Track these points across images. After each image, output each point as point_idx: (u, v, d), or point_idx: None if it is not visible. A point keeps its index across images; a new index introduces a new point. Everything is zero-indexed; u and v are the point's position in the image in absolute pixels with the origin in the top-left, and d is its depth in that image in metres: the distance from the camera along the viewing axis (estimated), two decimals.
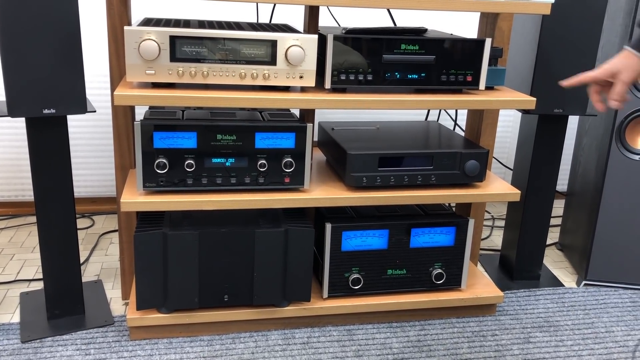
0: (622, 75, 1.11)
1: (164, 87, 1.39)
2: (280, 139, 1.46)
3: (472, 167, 1.57)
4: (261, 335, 1.58)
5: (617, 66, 1.12)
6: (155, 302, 1.49)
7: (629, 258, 1.89)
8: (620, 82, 1.11)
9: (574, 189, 2.08)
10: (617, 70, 1.12)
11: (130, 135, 1.57)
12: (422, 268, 1.65)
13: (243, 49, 1.37)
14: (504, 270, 2.00)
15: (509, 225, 1.98)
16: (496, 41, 1.70)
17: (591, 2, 1.64)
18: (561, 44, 1.67)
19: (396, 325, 1.66)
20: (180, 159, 1.42)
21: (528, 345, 1.59)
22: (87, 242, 2.09)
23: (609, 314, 1.76)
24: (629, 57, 1.10)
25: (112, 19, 1.47)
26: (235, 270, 1.50)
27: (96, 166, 2.27)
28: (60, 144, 1.46)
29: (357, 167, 1.51)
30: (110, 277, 1.85)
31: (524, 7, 1.48)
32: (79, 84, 1.39)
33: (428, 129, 1.82)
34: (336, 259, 1.58)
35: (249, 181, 1.47)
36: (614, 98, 1.13)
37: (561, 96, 1.72)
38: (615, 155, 1.81)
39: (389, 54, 1.45)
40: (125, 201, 1.40)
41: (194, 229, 1.46)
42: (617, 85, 1.12)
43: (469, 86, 1.52)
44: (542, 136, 1.81)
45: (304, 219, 1.56)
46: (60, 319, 1.58)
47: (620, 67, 1.11)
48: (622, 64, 1.11)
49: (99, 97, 2.17)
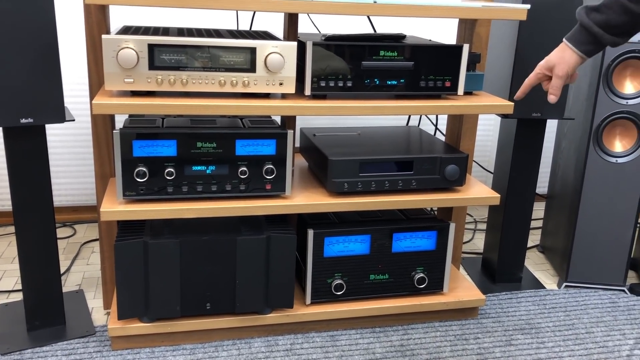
0: (556, 69, 1.12)
1: (143, 95, 1.39)
2: (261, 145, 1.46)
3: (452, 172, 1.58)
4: (244, 342, 1.58)
5: (553, 60, 1.12)
6: (136, 312, 1.48)
7: (608, 259, 1.91)
8: (555, 76, 1.12)
9: (554, 192, 2.10)
10: (552, 64, 1.13)
11: (110, 143, 1.56)
12: (405, 272, 1.66)
13: (222, 57, 1.37)
14: (486, 273, 2.02)
15: (490, 228, 2.00)
16: (474, 46, 1.72)
17: (566, 8, 1.66)
18: (538, 49, 1.69)
19: (379, 330, 1.66)
20: (160, 167, 1.41)
21: (510, 347, 1.61)
22: (68, 252, 2.07)
23: (589, 315, 1.78)
24: (564, 49, 1.11)
25: (90, 27, 1.46)
26: (217, 278, 1.50)
27: (77, 175, 2.25)
28: (38, 153, 1.45)
29: (338, 172, 1.52)
30: (92, 287, 1.84)
31: (501, 13, 1.50)
32: (57, 93, 1.38)
33: (409, 134, 1.84)
34: (319, 265, 1.58)
35: (230, 188, 1.47)
36: (550, 92, 1.14)
37: (539, 100, 1.74)
38: (593, 157, 1.84)
39: (368, 61, 1.46)
40: (105, 210, 1.39)
41: (175, 237, 1.46)
42: (553, 80, 1.13)
43: (447, 91, 1.53)
44: (521, 140, 1.83)
45: (286, 226, 1.56)
46: (40, 330, 1.56)
47: (555, 61, 1.12)
48: (557, 57, 1.12)
49: (79, 105, 2.16)
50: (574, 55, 1.10)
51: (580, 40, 1.08)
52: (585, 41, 1.08)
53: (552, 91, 1.14)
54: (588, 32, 1.07)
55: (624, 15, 1.01)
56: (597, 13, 1.04)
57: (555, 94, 1.13)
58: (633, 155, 1.82)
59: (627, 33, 1.05)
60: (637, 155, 1.82)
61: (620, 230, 1.88)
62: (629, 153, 1.82)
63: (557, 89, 1.13)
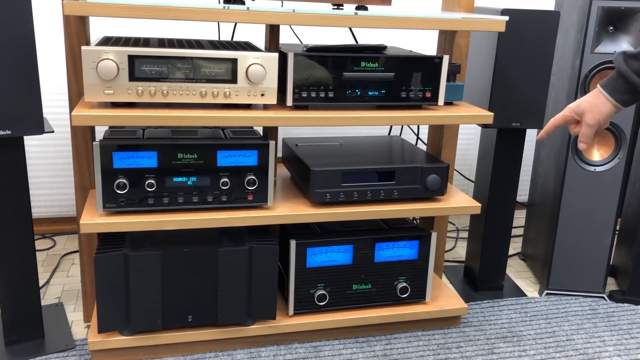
0: (587, 116, 1.04)
1: (123, 107, 1.38)
2: (243, 156, 1.46)
3: (433, 182, 1.59)
4: (227, 355, 1.57)
5: (584, 107, 1.05)
6: (117, 325, 1.46)
7: (588, 267, 1.94)
8: (584, 124, 1.05)
9: (535, 200, 2.13)
10: (583, 111, 1.05)
11: (90, 155, 1.55)
12: (387, 282, 1.66)
13: (203, 67, 1.37)
14: (468, 282, 2.03)
15: (472, 236, 2.02)
16: (455, 57, 1.74)
17: (544, 20, 1.69)
18: (517, 60, 1.72)
19: (362, 340, 1.66)
20: (140, 179, 1.40)
21: (492, 356, 1.62)
22: (48, 264, 2.04)
23: (569, 322, 1.80)
24: (598, 96, 1.03)
25: (69, 38, 1.45)
26: (198, 290, 1.49)
27: (57, 186, 2.23)
28: (17, 165, 1.43)
29: (321, 183, 1.52)
30: (72, 300, 1.81)
31: (480, 24, 1.52)
32: (35, 104, 1.36)
33: (391, 144, 1.85)
34: (301, 275, 1.58)
35: (212, 199, 1.46)
36: (581, 140, 1.06)
37: (518, 110, 1.76)
38: (572, 166, 1.86)
39: (349, 72, 1.47)
40: (85, 222, 1.38)
41: (156, 249, 1.45)
42: (583, 128, 1.05)
43: (428, 102, 1.54)
44: (501, 149, 1.85)
45: (268, 236, 1.56)
46: (18, 345, 1.54)
47: (587, 108, 1.04)
48: (589, 104, 1.04)
49: (59, 117, 2.14)
50: (608, 104, 1.01)
51: (617, 89, 1.00)
52: (622, 90, 0.99)
53: (582, 139, 1.05)
54: (625, 81, 0.98)
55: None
56: (636, 61, 0.96)
57: (586, 142, 1.05)
58: (611, 164, 1.85)
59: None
60: (615, 164, 1.84)
61: (600, 238, 1.91)
62: (607, 162, 1.85)
63: (588, 138, 1.05)
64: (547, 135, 1.13)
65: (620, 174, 1.85)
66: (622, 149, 1.83)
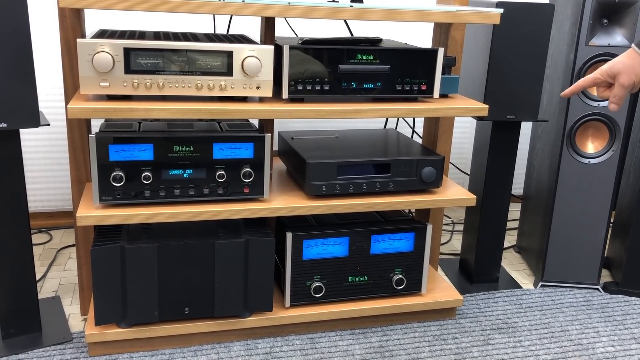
0: (621, 78, 1.02)
1: (119, 99, 1.38)
2: (239, 149, 1.46)
3: (429, 174, 1.60)
4: (223, 347, 1.57)
5: (618, 68, 1.03)
6: (114, 317, 1.47)
7: (582, 258, 1.95)
8: (618, 85, 1.03)
9: (530, 193, 2.14)
10: (618, 72, 1.03)
11: (85, 148, 1.55)
12: (383, 274, 1.67)
13: (199, 60, 1.37)
14: (463, 274, 2.04)
15: (467, 229, 2.03)
16: (450, 50, 1.74)
17: (539, 12, 1.70)
18: (512, 52, 1.72)
19: (358, 332, 1.67)
20: (137, 172, 1.40)
21: (487, 347, 1.63)
22: (44, 258, 2.04)
23: (564, 314, 1.81)
24: (634, 57, 1.01)
25: (65, 31, 1.45)
26: (195, 282, 1.50)
27: (53, 180, 2.22)
28: (13, 158, 1.43)
29: (316, 175, 1.53)
30: (68, 293, 1.81)
31: (475, 17, 1.53)
32: (31, 97, 1.36)
33: (386, 137, 1.85)
34: (298, 267, 1.59)
35: (208, 192, 1.46)
36: (612, 101, 1.05)
37: (513, 103, 1.77)
38: (566, 159, 1.87)
39: (344, 64, 1.47)
40: (81, 215, 1.38)
41: (153, 241, 1.45)
42: (616, 89, 1.03)
43: (423, 94, 1.55)
44: (496, 142, 1.86)
45: (265, 229, 1.57)
46: (15, 338, 1.54)
47: (622, 69, 1.02)
48: (624, 66, 1.02)
49: (55, 110, 2.13)
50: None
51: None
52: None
53: (614, 100, 1.04)
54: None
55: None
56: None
57: (618, 103, 1.04)
58: (605, 156, 1.86)
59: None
60: (609, 156, 1.85)
61: (594, 230, 1.92)
62: (601, 154, 1.86)
63: (620, 99, 1.03)
64: (572, 94, 1.10)
65: (614, 166, 1.86)
66: (617, 141, 1.84)
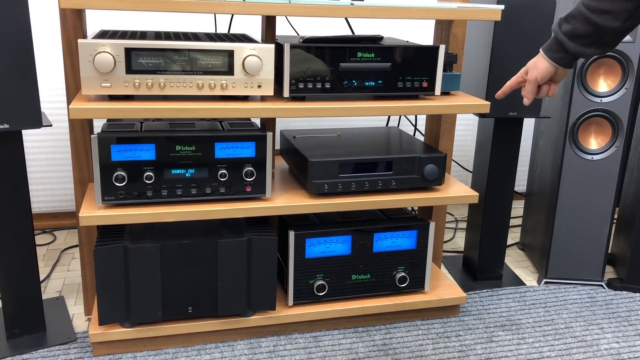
0: (529, 74, 1.19)
1: (121, 100, 1.38)
2: (240, 148, 1.46)
3: (431, 171, 1.59)
4: (227, 345, 1.58)
5: (528, 66, 1.20)
6: (117, 317, 1.47)
7: (586, 255, 1.94)
8: (527, 80, 1.20)
9: (533, 190, 2.13)
10: (527, 69, 1.21)
11: (88, 148, 1.55)
12: (386, 272, 1.67)
13: (200, 60, 1.37)
14: (467, 271, 2.04)
15: (470, 227, 2.02)
16: (451, 47, 1.74)
17: (540, 8, 1.69)
18: (513, 49, 1.72)
19: (362, 330, 1.67)
20: (139, 171, 1.41)
21: (491, 344, 1.63)
22: (48, 258, 2.05)
23: (568, 310, 1.81)
24: (539, 57, 1.19)
25: (66, 32, 1.45)
26: (198, 282, 1.50)
27: (56, 180, 2.23)
28: (15, 159, 1.44)
29: (318, 174, 1.53)
30: (72, 293, 1.82)
31: (476, 13, 1.52)
32: (33, 98, 1.37)
33: (388, 135, 1.85)
34: (300, 266, 1.59)
35: (210, 191, 1.47)
36: (523, 93, 1.22)
37: (515, 99, 1.76)
38: (569, 155, 1.87)
39: (346, 62, 1.47)
40: (84, 215, 1.38)
41: (155, 241, 1.45)
42: (527, 84, 1.20)
43: (425, 92, 1.54)
44: (498, 139, 1.86)
45: (267, 228, 1.57)
46: (20, 338, 1.55)
47: (530, 66, 1.20)
48: (532, 63, 1.19)
49: (57, 111, 2.14)
50: (545, 62, 1.17)
51: (550, 48, 1.15)
52: (554, 49, 1.14)
53: (523, 93, 1.22)
54: (557, 41, 1.13)
55: (587, 25, 1.07)
56: (566, 23, 1.11)
57: (527, 96, 1.21)
58: (608, 152, 1.85)
59: (594, 44, 1.10)
60: (612, 152, 1.85)
61: (598, 227, 1.91)
62: (604, 150, 1.86)
63: (529, 93, 1.20)
64: (504, 95, 1.28)
65: (617, 162, 1.85)
66: (620, 137, 1.83)
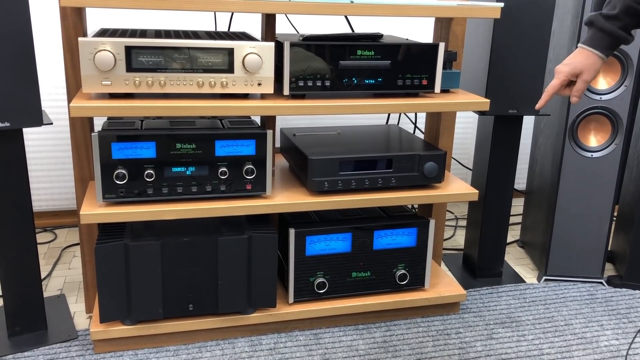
0: (585, 74, 1.18)
1: (121, 98, 1.39)
2: (241, 146, 1.47)
3: (431, 169, 1.60)
4: (228, 343, 1.58)
5: (579, 67, 1.18)
6: (119, 314, 1.48)
7: (586, 252, 1.95)
8: (582, 81, 1.19)
9: (532, 187, 2.14)
10: (580, 70, 1.18)
11: (88, 146, 1.56)
12: (386, 269, 1.67)
13: (200, 58, 1.37)
14: (467, 269, 2.04)
15: (470, 224, 2.03)
16: (451, 45, 1.74)
17: (540, 6, 1.69)
18: (513, 46, 1.72)
19: (362, 327, 1.68)
20: (139, 169, 1.41)
21: (491, 341, 1.63)
22: (49, 256, 2.06)
23: (568, 308, 1.81)
24: (589, 56, 1.17)
25: (66, 30, 1.46)
26: (199, 279, 1.50)
27: (57, 179, 2.23)
28: (16, 157, 1.44)
29: (318, 172, 1.53)
30: (73, 291, 1.82)
31: (475, 11, 1.53)
32: (33, 96, 1.37)
33: (388, 133, 1.85)
34: (301, 263, 1.59)
35: (211, 189, 1.47)
36: (576, 95, 1.21)
37: (515, 97, 1.77)
38: (569, 153, 1.87)
39: (345, 60, 1.47)
40: (85, 213, 1.39)
41: (156, 239, 1.46)
42: (579, 84, 1.19)
43: (424, 90, 1.55)
44: (498, 136, 1.86)
45: (268, 225, 1.57)
46: (21, 336, 1.55)
47: (583, 68, 1.18)
48: (583, 65, 1.18)
49: (58, 109, 2.14)
50: (600, 61, 1.17)
51: (604, 45, 1.15)
52: (608, 45, 1.15)
53: (577, 94, 1.20)
54: (611, 37, 1.14)
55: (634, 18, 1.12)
56: (616, 20, 1.13)
57: (580, 96, 1.21)
58: (607, 150, 1.85)
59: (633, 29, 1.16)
60: (612, 150, 1.85)
61: (597, 224, 1.92)
62: (603, 147, 1.86)
63: (582, 92, 1.21)
64: (545, 103, 1.26)
65: (617, 160, 1.86)
66: (619, 135, 1.84)
